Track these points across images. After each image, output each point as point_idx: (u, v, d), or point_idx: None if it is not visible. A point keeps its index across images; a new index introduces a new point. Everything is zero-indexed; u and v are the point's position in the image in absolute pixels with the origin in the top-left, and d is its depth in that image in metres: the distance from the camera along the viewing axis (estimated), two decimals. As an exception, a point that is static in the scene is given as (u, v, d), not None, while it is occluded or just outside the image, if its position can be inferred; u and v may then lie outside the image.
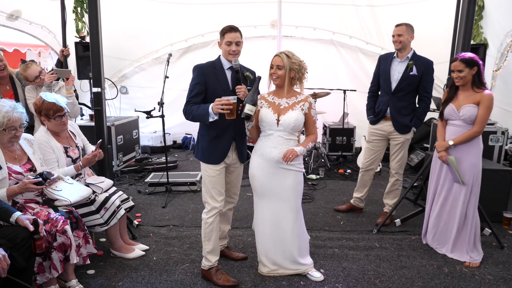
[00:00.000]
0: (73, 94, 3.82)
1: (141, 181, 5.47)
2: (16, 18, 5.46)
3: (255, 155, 2.91)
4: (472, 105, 3.10)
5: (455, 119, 3.20)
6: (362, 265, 3.20)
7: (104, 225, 3.07)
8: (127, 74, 7.30)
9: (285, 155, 2.70)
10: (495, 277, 3.02)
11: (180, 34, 6.99)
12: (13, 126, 2.58)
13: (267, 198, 2.91)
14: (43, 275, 2.62)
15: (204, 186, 2.93)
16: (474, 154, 3.18)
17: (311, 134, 2.92)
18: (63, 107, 3.03)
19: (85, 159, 3.11)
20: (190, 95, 2.81)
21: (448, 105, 3.24)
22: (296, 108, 2.80)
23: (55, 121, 3.02)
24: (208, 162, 2.89)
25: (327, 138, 6.58)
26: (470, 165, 3.17)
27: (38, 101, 3.02)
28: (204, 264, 2.97)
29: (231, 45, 2.79)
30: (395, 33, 3.82)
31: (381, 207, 4.35)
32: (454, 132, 3.21)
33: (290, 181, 2.86)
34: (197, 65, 2.88)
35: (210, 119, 2.68)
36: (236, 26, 2.83)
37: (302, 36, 6.97)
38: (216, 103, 2.59)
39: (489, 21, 5.61)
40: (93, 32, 3.55)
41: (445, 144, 3.22)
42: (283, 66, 2.74)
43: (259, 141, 2.91)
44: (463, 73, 3.10)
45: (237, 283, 2.92)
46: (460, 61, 3.11)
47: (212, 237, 2.91)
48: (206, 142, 2.89)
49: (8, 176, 2.59)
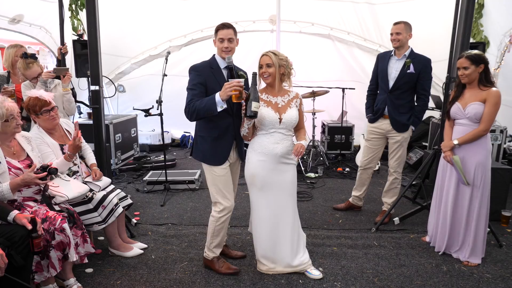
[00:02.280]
0: (70, 92, 3.81)
1: (140, 179, 5.46)
2: (18, 22, 5.46)
3: (255, 153, 2.89)
4: (478, 103, 3.03)
5: (461, 118, 3.13)
6: (360, 263, 3.20)
7: (102, 223, 3.06)
8: (125, 71, 7.27)
9: (296, 150, 2.79)
10: (493, 275, 3.03)
11: (179, 29, 6.96)
12: (12, 115, 2.59)
13: (269, 195, 2.90)
14: (41, 273, 2.60)
15: (213, 187, 2.90)
16: (480, 153, 3.09)
17: (302, 128, 3.03)
18: (48, 100, 3.00)
19: (69, 146, 3.00)
20: (191, 94, 2.77)
21: (454, 104, 3.18)
22: (292, 105, 2.89)
23: (43, 117, 2.99)
24: (212, 163, 2.87)
25: (326, 136, 6.57)
26: (476, 165, 3.09)
27: (26, 100, 3.02)
28: (208, 255, 3.03)
29: (223, 42, 2.78)
30: (393, 31, 3.81)
31: (379, 205, 4.35)
32: (461, 131, 3.14)
33: (291, 174, 2.95)
34: (194, 66, 2.84)
35: (218, 109, 2.63)
36: (230, 23, 2.82)
37: (300, 30, 6.97)
38: (226, 86, 2.57)
39: (489, 19, 5.62)
40: (91, 30, 3.53)
41: (449, 143, 3.16)
42: (272, 64, 2.78)
43: (258, 139, 2.89)
44: (468, 70, 3.03)
45: (238, 270, 3.01)
46: (466, 58, 3.03)
47: (221, 233, 2.98)
48: (208, 144, 2.86)
49: (8, 171, 2.59)
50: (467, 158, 3.12)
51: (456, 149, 3.16)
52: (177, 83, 6.62)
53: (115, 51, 6.69)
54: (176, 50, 7.01)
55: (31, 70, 3.66)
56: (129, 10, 6.49)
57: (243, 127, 2.80)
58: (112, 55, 6.59)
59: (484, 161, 3.11)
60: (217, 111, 2.64)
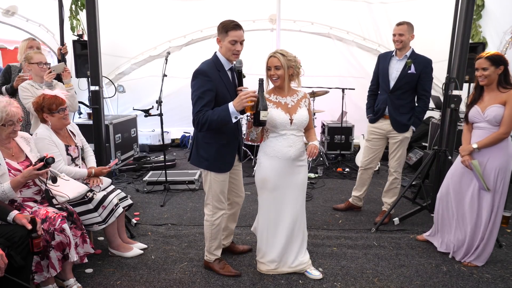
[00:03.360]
0: (73, 87, 3.80)
1: (139, 179, 5.46)
2: (13, 14, 5.44)
3: (267, 157, 2.83)
4: (497, 105, 2.93)
5: (480, 121, 3.03)
6: (360, 263, 3.20)
7: (102, 224, 3.05)
8: (125, 71, 7.27)
9: (310, 151, 2.72)
10: (493, 275, 3.03)
11: (179, 30, 6.96)
12: (11, 121, 2.58)
13: (279, 197, 2.88)
14: (41, 274, 2.60)
15: (211, 191, 2.86)
16: (501, 157, 2.99)
17: (311, 128, 2.98)
18: (64, 99, 3.06)
19: (99, 169, 3.23)
20: (201, 104, 2.56)
21: (473, 107, 3.08)
22: (301, 105, 2.84)
23: (58, 115, 3.02)
24: (220, 171, 2.80)
25: (326, 136, 6.58)
26: (496, 169, 2.99)
27: (39, 99, 3.01)
28: (209, 257, 3.02)
29: (236, 45, 2.61)
30: (396, 32, 3.79)
31: (379, 205, 4.35)
32: (480, 135, 3.04)
33: (302, 176, 2.92)
34: (202, 71, 2.62)
35: (233, 120, 2.52)
36: (240, 23, 2.64)
37: (299, 29, 6.98)
38: (241, 97, 2.46)
39: (488, 20, 5.62)
40: (91, 30, 3.53)
41: (468, 147, 3.05)
42: (281, 66, 2.71)
43: (270, 143, 2.82)
44: (487, 71, 2.93)
45: (240, 273, 2.99)
46: (485, 59, 2.94)
47: (218, 236, 2.97)
48: (214, 150, 2.76)
49: (8, 172, 2.58)
50: (486, 162, 3.01)
51: (475, 153, 3.05)
52: (177, 84, 6.65)
53: (115, 51, 6.70)
54: (176, 51, 7.02)
55: (40, 54, 3.70)
56: (129, 10, 6.49)
57: (251, 132, 2.76)
58: (112, 55, 6.60)
59: (505, 165, 3.00)
60: (232, 122, 2.54)
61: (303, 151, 2.87)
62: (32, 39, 4.30)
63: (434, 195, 4.05)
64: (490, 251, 3.17)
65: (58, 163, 2.94)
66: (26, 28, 5.73)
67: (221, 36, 2.65)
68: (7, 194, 2.52)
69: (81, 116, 6.19)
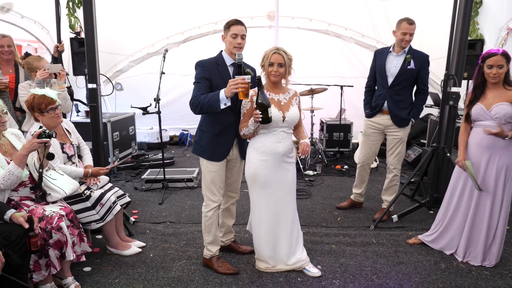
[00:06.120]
0: (65, 89, 3.80)
1: (138, 177, 5.45)
2: (8, 11, 5.39)
3: (256, 153, 2.86)
4: (505, 103, 2.86)
5: (486, 119, 2.95)
6: (359, 261, 3.20)
7: (100, 221, 3.04)
8: (123, 69, 7.24)
9: (303, 149, 2.80)
10: (491, 272, 3.03)
11: (176, 26, 6.93)
12: None
13: (270, 193, 2.89)
14: (39, 273, 2.60)
15: (204, 181, 2.96)
16: (510, 155, 2.95)
17: (300, 125, 3.03)
18: (54, 98, 2.99)
19: (96, 170, 3.22)
20: (197, 88, 2.77)
21: (475, 105, 2.99)
22: (293, 103, 2.89)
23: (48, 114, 2.97)
24: (210, 159, 2.89)
25: (324, 134, 6.57)
26: (505, 167, 2.95)
27: (29, 98, 2.99)
28: (206, 253, 3.06)
29: (237, 38, 2.76)
30: (407, 31, 3.69)
31: (378, 203, 4.35)
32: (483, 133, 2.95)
33: (291, 173, 2.95)
34: (200, 61, 2.85)
35: (222, 106, 2.63)
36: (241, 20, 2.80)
37: (298, 26, 6.96)
38: (231, 83, 2.57)
39: (486, 16, 5.61)
40: (88, 28, 3.51)
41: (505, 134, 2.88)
42: (284, 64, 2.76)
43: (259, 139, 2.86)
44: (503, 69, 2.84)
45: (238, 271, 3.01)
46: (501, 55, 2.83)
47: (212, 229, 2.99)
48: (207, 138, 2.88)
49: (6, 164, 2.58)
50: (498, 159, 2.96)
51: (485, 148, 2.98)
52: (175, 81, 6.62)
53: (113, 49, 6.67)
54: (174, 47, 6.98)
55: (43, 61, 3.73)
56: (126, 7, 6.45)
57: (246, 127, 2.76)
58: (109, 53, 6.56)
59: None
60: (220, 107, 2.64)
61: (292, 148, 2.91)
62: (2, 36, 4.06)
63: (432, 192, 4.06)
64: (501, 250, 3.12)
65: (53, 161, 2.92)
66: (21, 25, 5.69)
67: (225, 33, 2.83)
68: (15, 173, 2.50)
69: (79, 114, 6.17)
